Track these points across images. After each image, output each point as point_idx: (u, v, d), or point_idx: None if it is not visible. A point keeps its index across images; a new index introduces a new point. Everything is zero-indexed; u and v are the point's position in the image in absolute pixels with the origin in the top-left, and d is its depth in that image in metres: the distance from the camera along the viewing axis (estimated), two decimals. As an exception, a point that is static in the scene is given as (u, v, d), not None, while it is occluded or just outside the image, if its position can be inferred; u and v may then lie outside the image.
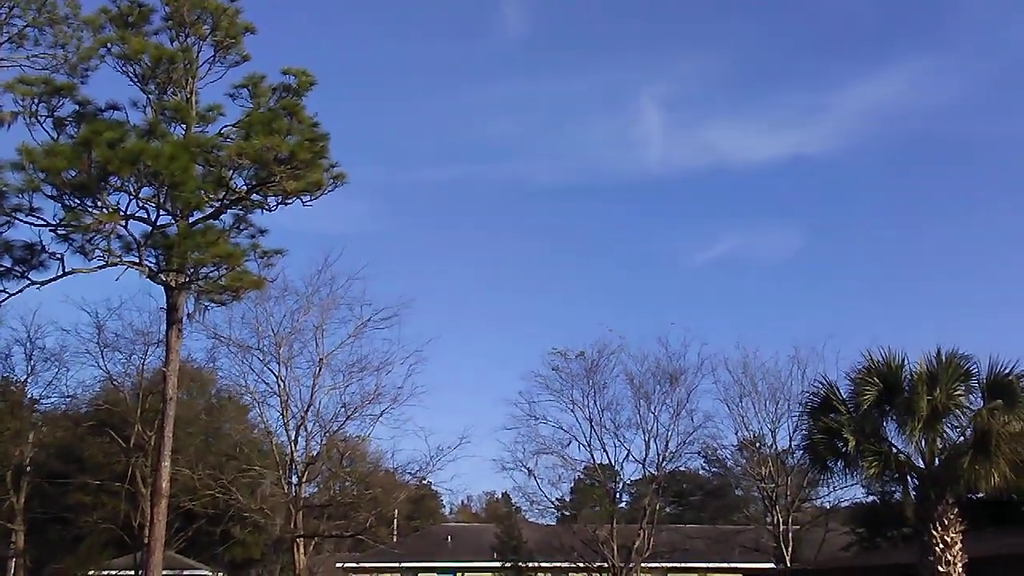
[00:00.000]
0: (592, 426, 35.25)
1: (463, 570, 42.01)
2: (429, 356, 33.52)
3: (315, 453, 30.43)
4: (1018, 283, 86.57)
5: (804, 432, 19.80)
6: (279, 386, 29.93)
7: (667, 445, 35.07)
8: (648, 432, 34.97)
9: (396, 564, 37.76)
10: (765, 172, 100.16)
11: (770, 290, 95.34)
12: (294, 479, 29.62)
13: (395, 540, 44.36)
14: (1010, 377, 16.94)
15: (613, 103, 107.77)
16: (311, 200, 17.28)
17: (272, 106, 17.13)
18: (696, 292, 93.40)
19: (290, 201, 17.05)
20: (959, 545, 16.68)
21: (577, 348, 35.86)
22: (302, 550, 29.12)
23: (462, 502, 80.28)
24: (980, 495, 19.63)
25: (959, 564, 16.52)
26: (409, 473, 32.88)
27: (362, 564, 39.18)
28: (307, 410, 29.88)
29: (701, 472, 49.00)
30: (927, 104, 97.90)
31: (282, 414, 30.00)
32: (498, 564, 39.96)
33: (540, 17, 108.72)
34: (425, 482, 41.16)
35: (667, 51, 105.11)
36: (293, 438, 29.80)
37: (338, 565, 39.50)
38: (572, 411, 35.34)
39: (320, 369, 30.23)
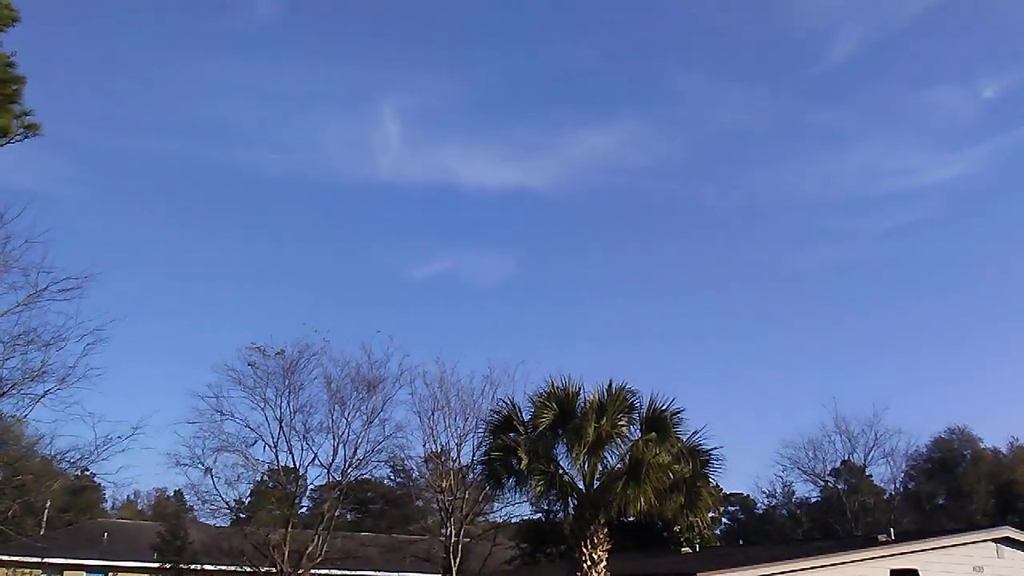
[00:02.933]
0: (282, 427, 34.29)
1: (116, 569, 38.96)
2: (111, 337, 30.81)
3: (-45, 431, 26.91)
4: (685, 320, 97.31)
5: (485, 448, 20.67)
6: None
7: (356, 452, 35.06)
8: (339, 437, 34.74)
9: (39, 560, 34.17)
10: (490, 199, 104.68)
11: (478, 311, 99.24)
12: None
13: (42, 533, 40.22)
14: (665, 413, 18.52)
15: (354, 104, 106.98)
16: (-8, 146, 15.41)
17: (-41, 33, 15.10)
18: (408, 304, 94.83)
19: (-34, 143, 15.12)
20: (604, 563, 17.87)
21: (278, 345, 34.89)
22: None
23: (128, 497, 74.80)
24: (630, 518, 21.64)
25: (603, 581, 17.72)
26: (68, 461, 29.99)
27: (-2, 557, 35.05)
28: (-48, 381, 26.31)
29: (386, 481, 49.67)
30: (637, 160, 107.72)
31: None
32: (156, 565, 37.59)
33: (293, 2, 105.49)
34: (87, 473, 37.85)
35: (413, 63, 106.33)
36: (-71, 413, 26.11)
37: (-33, 558, 35.00)
38: (263, 410, 34.17)
39: (-24, 337, 26.78)
